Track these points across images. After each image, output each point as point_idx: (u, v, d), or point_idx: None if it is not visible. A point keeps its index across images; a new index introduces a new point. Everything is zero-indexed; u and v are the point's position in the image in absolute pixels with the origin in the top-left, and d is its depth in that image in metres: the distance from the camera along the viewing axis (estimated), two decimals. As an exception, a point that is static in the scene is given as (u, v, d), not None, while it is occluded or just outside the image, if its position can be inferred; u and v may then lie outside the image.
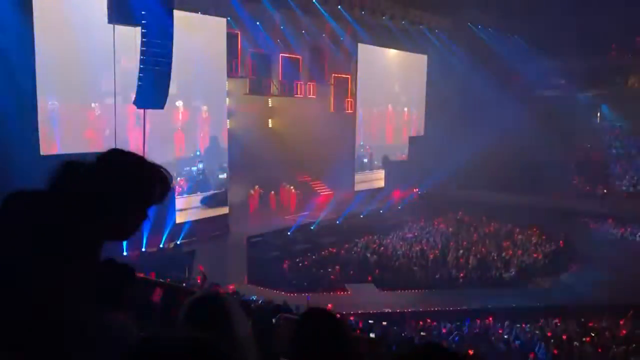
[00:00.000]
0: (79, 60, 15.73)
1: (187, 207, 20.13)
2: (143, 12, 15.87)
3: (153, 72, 16.06)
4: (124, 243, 17.13)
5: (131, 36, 16.53)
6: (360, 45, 27.84)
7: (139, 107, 17.13)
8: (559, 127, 29.61)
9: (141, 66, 15.94)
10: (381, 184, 30.12)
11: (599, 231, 25.87)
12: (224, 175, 21.65)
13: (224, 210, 21.86)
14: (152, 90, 16.32)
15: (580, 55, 29.85)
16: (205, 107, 20.61)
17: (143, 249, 18.28)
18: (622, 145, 32.60)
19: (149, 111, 17.75)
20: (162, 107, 17.60)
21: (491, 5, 25.79)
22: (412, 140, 32.22)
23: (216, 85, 20.93)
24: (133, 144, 17.55)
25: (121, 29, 16.38)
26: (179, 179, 19.83)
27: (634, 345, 14.04)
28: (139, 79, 16.00)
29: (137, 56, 16.45)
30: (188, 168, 20.42)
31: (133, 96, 17.09)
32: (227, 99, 22.04)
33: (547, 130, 28.54)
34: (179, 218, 19.72)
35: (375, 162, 30.44)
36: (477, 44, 29.91)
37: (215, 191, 21.38)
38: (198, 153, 20.72)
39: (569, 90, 31.70)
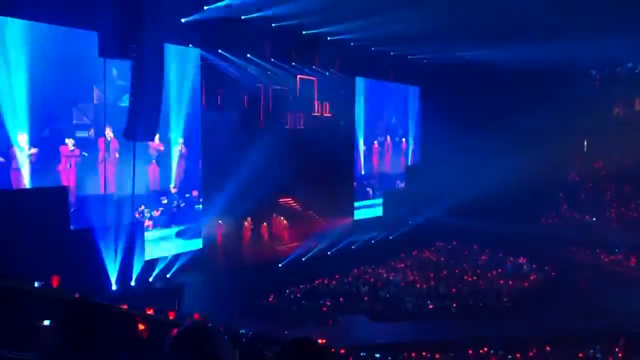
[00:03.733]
0: (49, 92, 15.63)
1: (164, 241, 19.65)
2: (134, 46, 15.98)
3: (144, 105, 16.09)
4: (114, 278, 16.96)
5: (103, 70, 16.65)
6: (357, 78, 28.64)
7: (128, 140, 17.12)
8: (547, 155, 29.89)
9: (131, 99, 15.97)
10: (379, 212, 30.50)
11: (588, 259, 25.91)
12: (199, 207, 21.16)
13: (199, 243, 21.11)
14: (142, 123, 16.33)
15: (565, 83, 30.41)
16: (181, 140, 20.18)
17: (132, 284, 18.06)
18: (605, 174, 32.92)
19: (120, 143, 17.66)
20: (152, 140, 17.61)
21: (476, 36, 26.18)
22: (409, 169, 32.73)
23: (191, 117, 20.51)
24: (104, 177, 17.36)
25: (93, 62, 16.41)
26: (153, 211, 19.43)
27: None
28: (129, 111, 16.02)
29: (110, 89, 16.64)
30: (163, 200, 19.89)
31: (107, 130, 17.21)
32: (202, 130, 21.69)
33: (536, 159, 28.79)
34: (161, 252, 19.36)
35: (377, 192, 30.92)
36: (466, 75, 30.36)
37: (191, 224, 20.82)
38: (173, 185, 20.20)
39: (554, 119, 32.12)
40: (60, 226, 15.15)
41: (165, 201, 19.88)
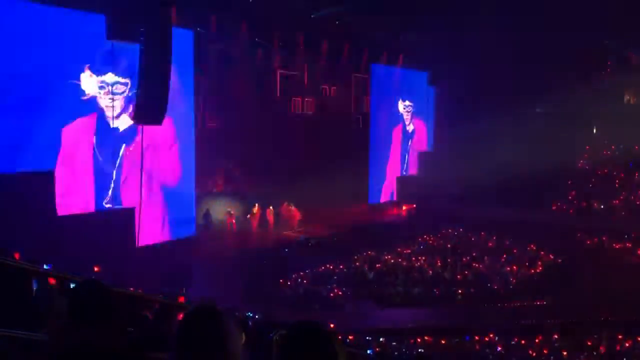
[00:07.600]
0: (37, 74, 15.29)
1: (158, 226, 19.38)
2: (142, 29, 15.90)
3: (152, 88, 16.05)
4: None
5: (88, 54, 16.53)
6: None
7: (136, 123, 17.16)
8: (556, 142, 29.75)
9: (139, 82, 15.94)
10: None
11: (595, 247, 25.80)
12: (192, 192, 20.50)
13: (192, 227, 20.77)
14: (150, 106, 16.30)
15: (578, 71, 30.19)
16: (174, 124, 19.55)
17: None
18: (614, 161, 32.71)
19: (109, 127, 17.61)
20: (160, 123, 17.60)
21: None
22: (421, 155, 32.91)
23: (185, 101, 20.01)
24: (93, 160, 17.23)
25: (81, 45, 16.22)
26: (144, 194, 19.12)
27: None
28: (137, 94, 16.01)
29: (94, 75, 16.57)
30: (155, 182, 19.29)
31: (92, 118, 17.04)
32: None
33: (546, 146, 28.69)
34: (155, 237, 19.18)
35: (392, 177, 31.44)
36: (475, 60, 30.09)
37: (185, 209, 20.38)
38: (164, 169, 19.56)
39: (564, 106, 31.88)
40: (46, 211, 15.03)
41: (157, 185, 19.51)
